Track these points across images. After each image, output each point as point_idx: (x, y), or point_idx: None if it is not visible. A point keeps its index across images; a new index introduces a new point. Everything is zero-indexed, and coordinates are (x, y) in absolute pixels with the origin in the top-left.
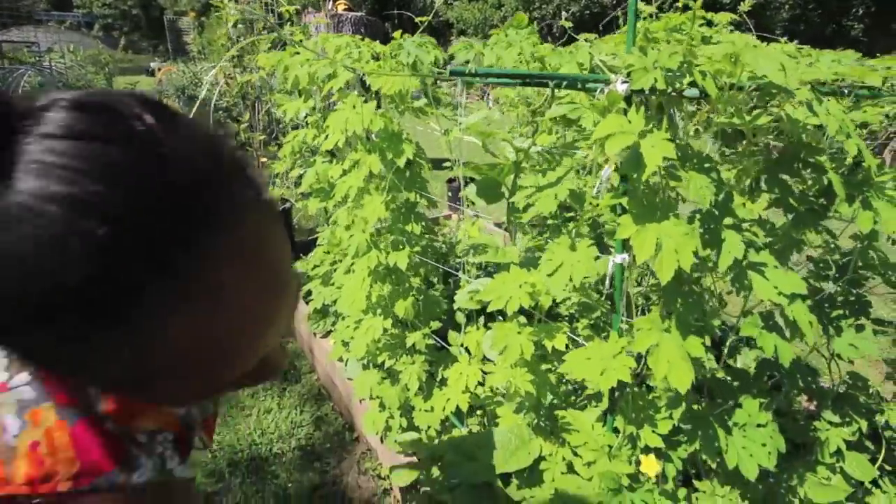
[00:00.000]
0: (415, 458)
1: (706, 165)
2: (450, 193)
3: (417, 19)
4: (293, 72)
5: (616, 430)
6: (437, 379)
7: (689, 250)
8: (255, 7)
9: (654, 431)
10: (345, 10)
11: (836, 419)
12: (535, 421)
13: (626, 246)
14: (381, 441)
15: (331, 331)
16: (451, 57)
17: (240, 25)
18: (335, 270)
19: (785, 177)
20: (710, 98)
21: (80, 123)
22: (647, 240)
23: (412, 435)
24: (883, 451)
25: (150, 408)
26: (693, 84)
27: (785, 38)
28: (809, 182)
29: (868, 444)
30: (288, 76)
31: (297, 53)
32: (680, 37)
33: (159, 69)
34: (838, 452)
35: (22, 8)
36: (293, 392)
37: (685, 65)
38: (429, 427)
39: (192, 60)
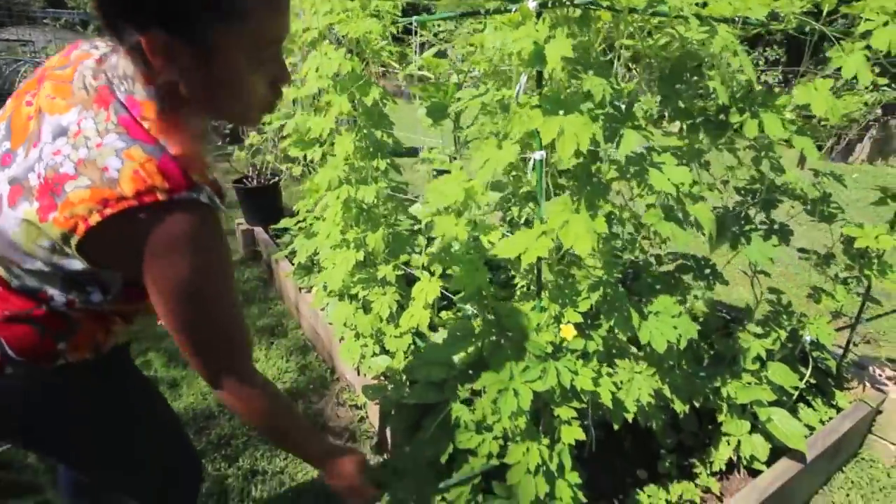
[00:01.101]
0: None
1: (604, 70)
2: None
3: None
4: None
5: (543, 310)
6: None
7: (586, 135)
8: None
9: (575, 310)
10: None
11: (759, 331)
12: (480, 317)
13: (541, 137)
14: (358, 374)
15: (311, 287)
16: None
17: None
18: (315, 223)
19: (678, 85)
20: (602, 13)
21: None
22: (552, 127)
23: (383, 358)
24: (810, 368)
25: (197, 165)
26: None
27: None
28: (710, 103)
29: (801, 368)
30: None
31: None
32: None
33: None
34: (761, 360)
35: (16, 7)
36: (280, 346)
37: None
38: (398, 350)
39: None
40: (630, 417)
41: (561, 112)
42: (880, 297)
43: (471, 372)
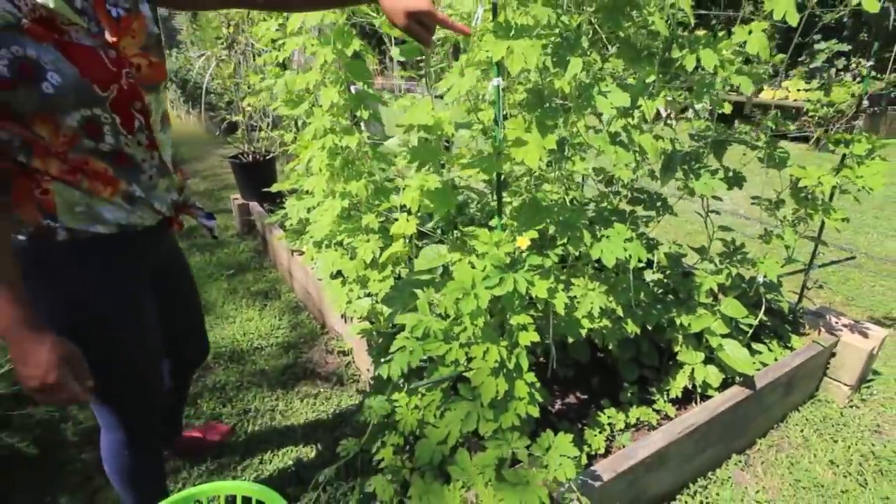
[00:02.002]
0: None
1: (550, 2)
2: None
3: None
4: None
5: (504, 227)
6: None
7: (533, 56)
8: None
9: (533, 229)
10: None
11: (712, 267)
12: (450, 240)
13: (493, 57)
14: (345, 321)
15: (303, 249)
16: None
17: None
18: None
19: (620, 20)
20: None
21: None
22: (503, 48)
23: (367, 300)
24: (763, 308)
25: None
26: None
27: None
28: (655, 42)
29: (760, 311)
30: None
31: None
32: None
33: None
34: (713, 295)
35: None
36: (273, 307)
37: None
38: (380, 291)
39: (182, 51)
40: (584, 332)
41: (511, 35)
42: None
43: (439, 284)
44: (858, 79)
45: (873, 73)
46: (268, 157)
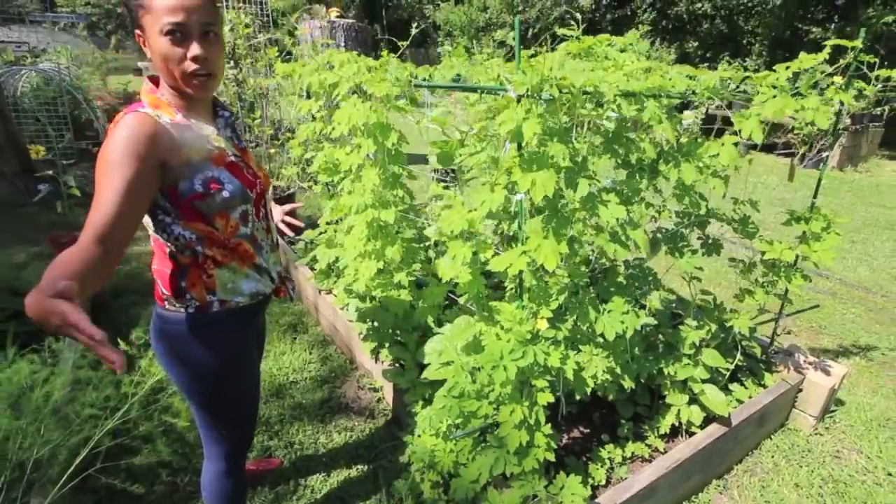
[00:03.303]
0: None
1: (565, 138)
2: (432, 175)
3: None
4: (307, 79)
5: (524, 307)
6: (417, 308)
7: (551, 185)
8: (249, 13)
9: (548, 308)
10: (337, 16)
11: (694, 324)
12: (478, 313)
13: (519, 186)
14: (375, 361)
15: (332, 289)
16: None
17: (236, 29)
18: (336, 234)
19: (617, 147)
20: (558, 98)
21: None
22: (528, 180)
23: (398, 347)
24: (738, 354)
25: (164, 107)
26: (546, 89)
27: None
28: (643, 156)
29: (736, 356)
30: (303, 82)
31: (307, 65)
32: (581, 63)
33: (146, 68)
34: (696, 347)
35: (11, 9)
36: (302, 340)
37: (542, 81)
38: (409, 341)
39: None
40: (589, 390)
41: (534, 167)
42: (821, 293)
43: (470, 354)
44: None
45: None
46: (289, 193)
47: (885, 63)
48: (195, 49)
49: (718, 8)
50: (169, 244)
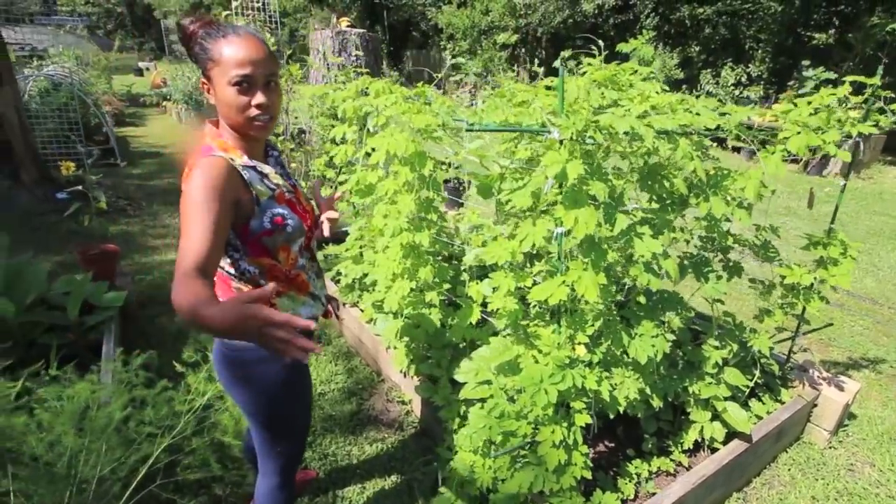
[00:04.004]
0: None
1: (604, 177)
2: (446, 193)
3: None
4: (341, 106)
5: (562, 333)
6: (448, 327)
7: (592, 222)
8: (257, 19)
9: (584, 333)
10: (348, 27)
11: (717, 344)
12: (514, 335)
13: (563, 223)
14: (404, 376)
15: (357, 302)
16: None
17: None
18: (363, 252)
19: (653, 184)
20: (599, 140)
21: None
22: (571, 217)
23: (430, 363)
24: (758, 371)
25: (232, 150)
26: (590, 133)
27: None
28: (675, 190)
29: (755, 374)
30: (336, 108)
31: (339, 90)
32: (606, 93)
33: (147, 69)
34: (719, 366)
35: (15, 10)
36: (326, 352)
37: (587, 125)
38: (440, 358)
39: (180, 61)
40: (622, 409)
41: (576, 205)
42: (830, 305)
43: (507, 375)
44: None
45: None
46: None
47: (889, 72)
48: (259, 97)
49: (720, 13)
50: (234, 278)
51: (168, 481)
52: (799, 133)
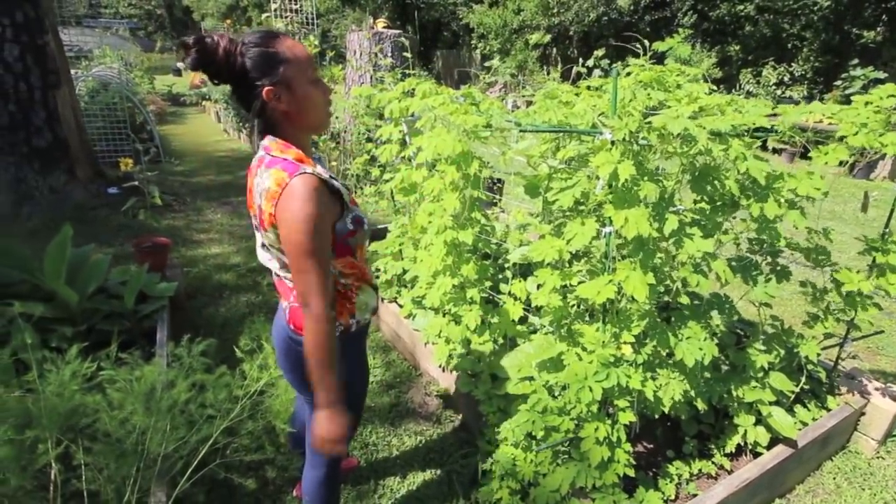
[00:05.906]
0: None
1: (655, 177)
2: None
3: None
4: (389, 106)
5: (607, 332)
6: (487, 324)
7: (644, 222)
8: (295, 21)
9: (629, 332)
10: (384, 27)
11: (763, 348)
12: (558, 334)
13: (612, 222)
14: (443, 371)
15: (395, 298)
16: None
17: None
18: (402, 249)
19: (704, 185)
20: (653, 141)
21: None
22: (621, 216)
23: (470, 358)
24: (804, 377)
25: (307, 161)
26: (643, 135)
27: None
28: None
29: (801, 379)
30: (383, 109)
31: (385, 90)
32: (652, 93)
33: (185, 69)
34: (764, 370)
35: (65, 13)
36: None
37: (640, 126)
38: (482, 353)
39: None
40: (666, 410)
41: (626, 205)
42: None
43: (550, 372)
44: None
45: None
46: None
47: None
48: (327, 87)
49: (762, 10)
50: None
51: (224, 461)
52: (856, 134)
